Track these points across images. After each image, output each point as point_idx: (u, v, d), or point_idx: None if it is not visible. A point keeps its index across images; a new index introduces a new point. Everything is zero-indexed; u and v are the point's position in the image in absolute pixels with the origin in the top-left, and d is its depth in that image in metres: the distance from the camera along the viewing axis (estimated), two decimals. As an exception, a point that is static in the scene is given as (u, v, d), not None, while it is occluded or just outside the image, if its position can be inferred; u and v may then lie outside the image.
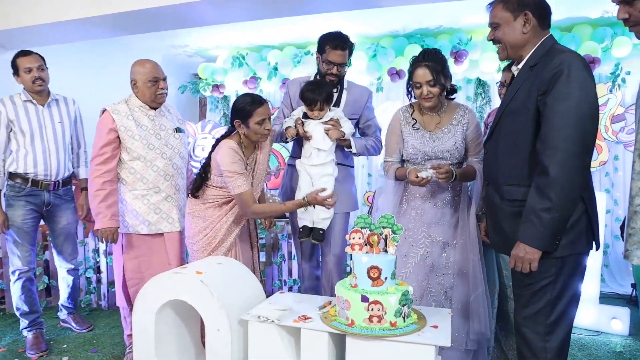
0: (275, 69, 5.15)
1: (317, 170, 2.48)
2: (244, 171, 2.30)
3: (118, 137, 2.48)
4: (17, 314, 2.95)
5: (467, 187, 2.36)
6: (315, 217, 2.51)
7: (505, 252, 1.87)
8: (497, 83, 2.72)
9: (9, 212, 2.83)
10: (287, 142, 2.63)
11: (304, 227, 2.54)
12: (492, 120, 2.63)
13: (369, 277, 1.75)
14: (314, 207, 2.44)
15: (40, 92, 2.89)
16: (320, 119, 2.50)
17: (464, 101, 4.84)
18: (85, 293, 3.71)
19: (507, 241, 1.77)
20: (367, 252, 1.82)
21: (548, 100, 1.59)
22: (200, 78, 5.62)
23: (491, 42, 1.83)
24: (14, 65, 2.88)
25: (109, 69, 5.05)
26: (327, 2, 3.18)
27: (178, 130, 2.66)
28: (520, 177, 1.72)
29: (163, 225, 2.56)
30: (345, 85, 2.66)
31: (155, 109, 2.59)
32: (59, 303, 3.20)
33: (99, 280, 3.75)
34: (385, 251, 1.83)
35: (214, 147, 2.41)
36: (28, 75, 2.84)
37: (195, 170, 4.72)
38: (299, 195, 2.51)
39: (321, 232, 2.51)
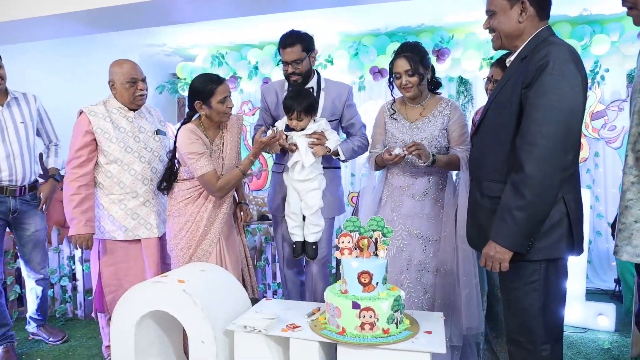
0: (256, 68, 5.05)
1: (304, 185, 2.39)
2: (204, 151, 2.25)
3: (95, 139, 2.39)
4: (-14, 327, 2.79)
5: (452, 180, 2.35)
6: (306, 231, 2.44)
7: (480, 249, 1.78)
8: (483, 79, 2.68)
9: None
10: (270, 153, 2.58)
11: (297, 242, 2.47)
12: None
13: (360, 282, 1.69)
14: (303, 219, 2.43)
15: None
16: (302, 130, 2.37)
17: (446, 99, 4.82)
18: (60, 302, 3.56)
19: (483, 238, 1.69)
20: (357, 257, 1.76)
21: (530, 94, 1.51)
22: (178, 78, 5.49)
23: (487, 30, 1.74)
24: None
25: (86, 67, 4.89)
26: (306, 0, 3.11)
27: (158, 132, 2.56)
28: (501, 173, 1.63)
29: (141, 231, 2.46)
30: (322, 86, 2.55)
31: (134, 110, 2.50)
32: (27, 315, 3.02)
33: (74, 288, 3.60)
34: (376, 255, 1.77)
35: (176, 136, 2.34)
36: None
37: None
38: (288, 209, 2.45)
39: (313, 247, 2.45)
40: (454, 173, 2.41)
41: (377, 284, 1.69)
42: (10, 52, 3.89)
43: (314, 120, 2.40)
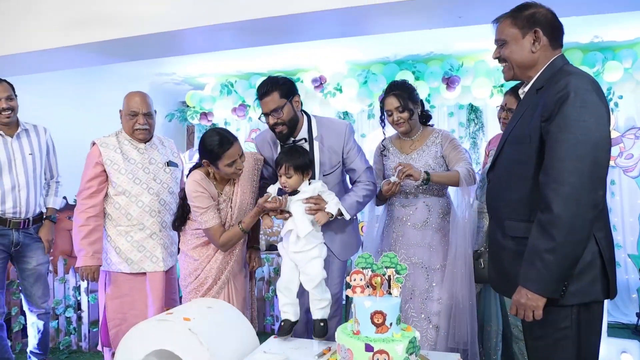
0: (265, 96, 5.05)
1: (301, 256, 2.05)
2: (208, 205, 2.17)
3: (104, 171, 2.38)
4: (-13, 363, 2.73)
5: (453, 208, 2.39)
6: (311, 307, 2.07)
7: (506, 293, 1.73)
8: (497, 107, 2.66)
9: None
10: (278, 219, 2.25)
11: (287, 321, 2.07)
12: (493, 148, 2.58)
13: (373, 323, 1.61)
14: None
15: (8, 123, 2.71)
16: (294, 193, 2.08)
17: (456, 127, 4.79)
18: (64, 334, 3.49)
19: (508, 282, 1.60)
20: (369, 295, 1.68)
21: (552, 128, 1.43)
22: (188, 106, 5.52)
23: (497, 60, 1.68)
24: None
25: (96, 96, 4.95)
26: (315, 30, 3.12)
27: (169, 164, 2.52)
28: (523, 211, 1.54)
29: (146, 265, 2.40)
30: (315, 134, 2.26)
31: (145, 142, 2.48)
32: (28, 350, 2.94)
33: (79, 319, 3.53)
34: (389, 293, 1.70)
35: (187, 177, 2.28)
36: None
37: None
38: (280, 283, 2.10)
39: (322, 324, 2.03)
40: (455, 202, 2.42)
41: (391, 324, 1.61)
42: (22, 82, 3.96)
43: (309, 182, 2.12)
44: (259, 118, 2.29)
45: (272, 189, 2.17)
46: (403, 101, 2.31)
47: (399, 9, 2.54)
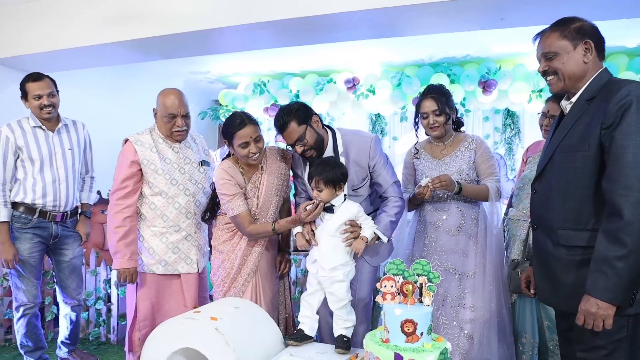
0: (297, 96, 5.06)
1: (325, 278, 2.01)
2: (235, 192, 2.18)
3: (140, 170, 2.32)
4: (22, 351, 2.79)
5: (485, 214, 2.37)
6: (335, 325, 2.03)
7: (555, 304, 1.68)
8: (538, 114, 2.57)
9: (15, 245, 2.66)
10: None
11: (300, 330, 2.04)
12: (531, 155, 2.50)
13: (403, 331, 1.56)
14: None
15: (49, 119, 2.74)
16: (328, 208, 2.03)
17: (492, 132, 4.67)
18: (94, 325, 3.56)
19: (562, 293, 1.58)
20: (400, 303, 1.64)
21: (616, 135, 1.44)
22: (220, 104, 5.57)
23: (544, 73, 1.66)
24: (23, 89, 2.72)
25: (130, 92, 5.04)
26: (351, 30, 3.09)
27: (203, 163, 2.48)
28: (579, 220, 1.54)
29: (180, 266, 2.37)
30: (340, 150, 2.21)
31: (178, 141, 2.43)
32: (59, 340, 2.99)
33: (109, 311, 3.60)
34: (421, 302, 1.64)
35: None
36: (37, 102, 2.67)
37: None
38: (306, 292, 2.09)
39: (345, 338, 1.99)
40: (486, 208, 2.39)
41: (421, 334, 1.56)
42: (60, 77, 4.08)
43: (345, 197, 2.06)
44: (286, 148, 2.29)
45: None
46: (440, 105, 2.30)
47: (439, 9, 2.48)
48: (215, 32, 3.20)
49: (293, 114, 2.11)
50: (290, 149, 2.23)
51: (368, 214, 2.23)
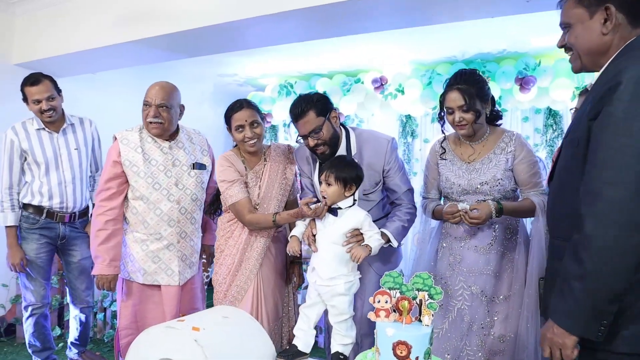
0: (324, 97, 4.90)
1: (325, 290, 1.86)
2: (234, 178, 2.14)
3: (124, 171, 2.21)
4: (30, 351, 2.78)
5: (524, 229, 2.03)
6: (332, 341, 1.90)
7: None
8: (571, 110, 2.27)
9: (22, 245, 2.67)
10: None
11: (293, 346, 1.90)
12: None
13: (395, 354, 1.36)
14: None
15: (52, 121, 2.71)
16: (334, 211, 1.87)
17: (532, 133, 4.31)
18: (110, 327, 3.53)
19: None
20: (395, 321, 1.43)
21: (595, 127, 1.17)
22: (249, 107, 5.50)
23: (562, 49, 1.40)
24: (22, 92, 2.67)
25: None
26: (375, 20, 2.88)
27: (195, 166, 2.31)
28: (567, 230, 1.26)
29: (160, 277, 2.25)
30: (354, 151, 2.08)
31: (169, 140, 2.28)
32: (69, 341, 2.98)
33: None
34: (419, 321, 1.43)
35: None
36: (37, 106, 2.63)
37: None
38: (304, 304, 1.96)
39: (341, 357, 1.87)
40: (527, 220, 2.03)
41: (416, 358, 1.35)
42: (84, 79, 4.12)
43: (353, 201, 1.89)
44: (297, 141, 2.12)
45: (303, 222, 1.99)
46: (469, 99, 1.89)
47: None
48: (240, 24, 3.04)
49: (313, 104, 1.99)
50: (301, 141, 2.08)
51: (378, 220, 2.04)
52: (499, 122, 2.08)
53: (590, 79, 3.70)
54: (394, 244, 1.99)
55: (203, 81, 5.37)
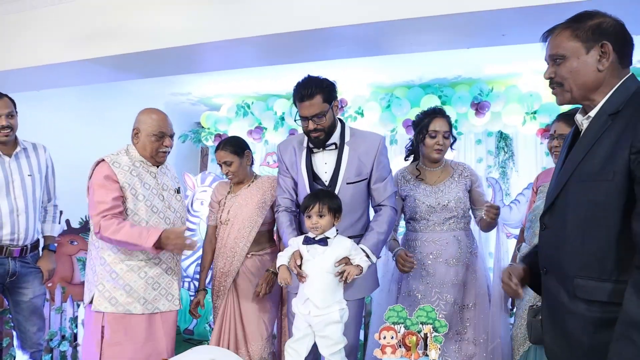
0: (282, 119, 4.87)
1: (318, 320, 1.84)
2: (214, 201, 2.48)
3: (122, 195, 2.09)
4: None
5: (476, 245, 2.38)
6: (323, 351, 1.87)
7: None
8: (541, 136, 2.45)
9: None
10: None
11: None
12: (542, 184, 2.25)
13: (407, 393, 1.32)
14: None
15: (6, 142, 2.48)
16: (324, 241, 1.87)
17: (485, 155, 4.52)
18: (58, 370, 3.22)
19: (578, 357, 1.29)
20: (402, 357, 1.40)
21: None
22: (202, 127, 5.35)
23: (549, 80, 1.39)
24: None
25: (108, 114, 4.79)
26: (335, 49, 2.94)
27: (178, 190, 2.32)
28: (601, 268, 1.24)
29: (161, 304, 2.14)
30: (347, 139, 2.10)
31: (156, 165, 2.23)
32: None
33: (75, 352, 3.26)
34: (426, 355, 1.41)
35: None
36: None
37: (192, 226, 4.33)
38: (290, 339, 1.91)
39: None
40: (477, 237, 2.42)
41: (429, 396, 1.32)
42: (28, 99, 3.82)
43: (336, 231, 1.92)
44: (295, 120, 2.18)
45: (295, 243, 1.95)
46: (450, 128, 2.31)
47: (437, 25, 2.32)
48: (196, 48, 3.01)
49: (322, 88, 2.01)
50: (298, 122, 2.10)
51: (359, 235, 2.08)
52: (454, 146, 2.45)
53: (539, 103, 3.95)
54: (373, 260, 2.00)
55: (154, 100, 5.15)
